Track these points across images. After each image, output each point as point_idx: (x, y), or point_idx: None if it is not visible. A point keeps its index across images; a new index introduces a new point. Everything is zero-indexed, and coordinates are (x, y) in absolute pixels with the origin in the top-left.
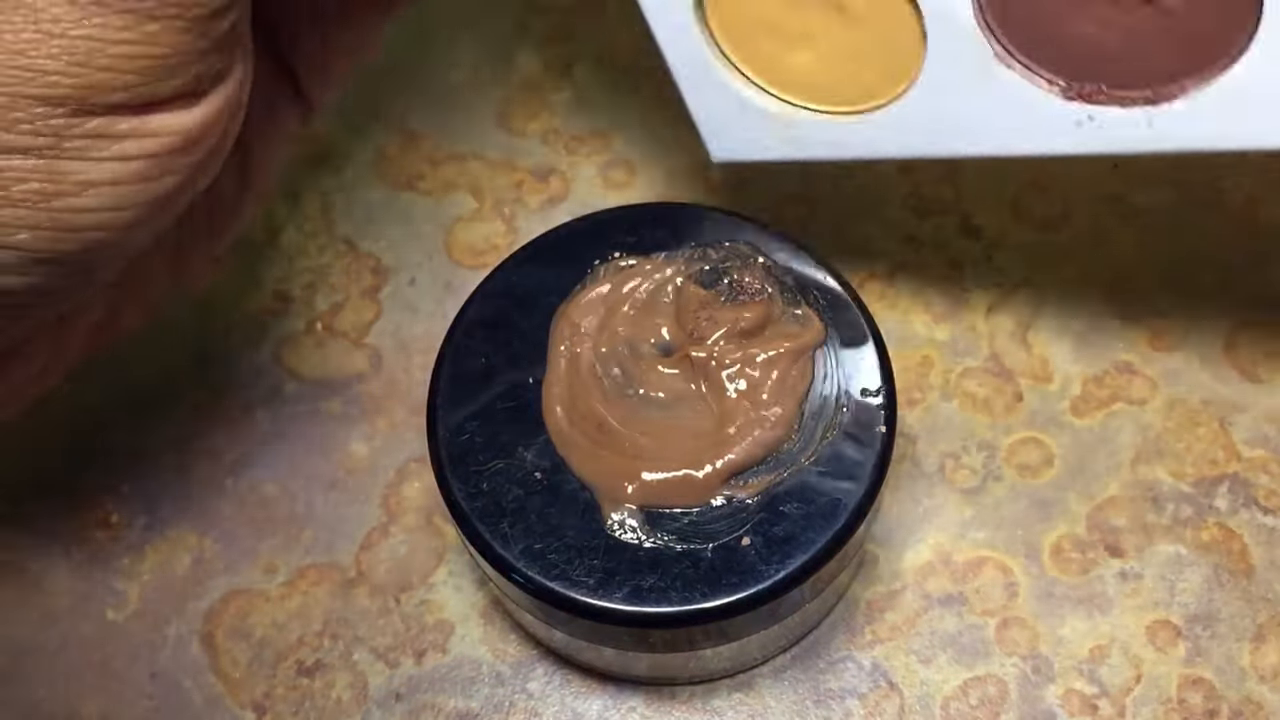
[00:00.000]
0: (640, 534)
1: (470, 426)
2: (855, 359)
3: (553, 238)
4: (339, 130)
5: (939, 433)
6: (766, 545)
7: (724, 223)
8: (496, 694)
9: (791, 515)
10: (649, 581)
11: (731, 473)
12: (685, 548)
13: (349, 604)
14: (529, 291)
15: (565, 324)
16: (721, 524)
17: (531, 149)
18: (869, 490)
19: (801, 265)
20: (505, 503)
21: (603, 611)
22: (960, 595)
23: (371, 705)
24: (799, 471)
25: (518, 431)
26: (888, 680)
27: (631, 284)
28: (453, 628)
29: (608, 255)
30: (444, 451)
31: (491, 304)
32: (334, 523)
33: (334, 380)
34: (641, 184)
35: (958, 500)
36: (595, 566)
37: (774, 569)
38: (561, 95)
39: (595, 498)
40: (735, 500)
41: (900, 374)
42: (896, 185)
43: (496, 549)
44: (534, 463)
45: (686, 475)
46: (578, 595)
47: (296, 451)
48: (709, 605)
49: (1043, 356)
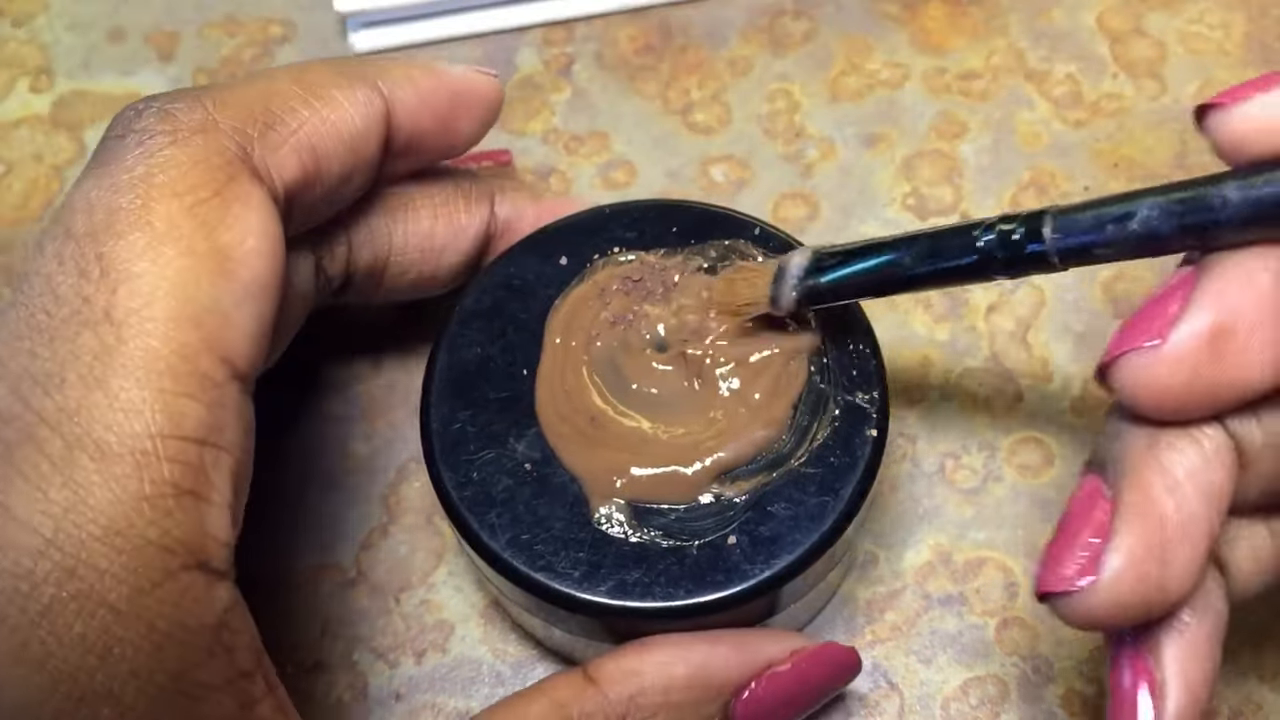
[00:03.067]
0: (627, 528)
1: (463, 416)
2: (849, 361)
3: (552, 231)
4: None
5: (939, 433)
6: (752, 545)
7: (723, 221)
8: (496, 694)
9: (779, 515)
10: (634, 576)
11: (721, 470)
12: (671, 544)
13: (349, 604)
14: (526, 283)
15: (561, 317)
16: (709, 521)
17: (532, 149)
18: (857, 493)
19: None
20: (495, 493)
21: (586, 604)
22: (960, 595)
23: (372, 705)
24: (789, 472)
25: (510, 422)
26: (888, 680)
27: (629, 279)
28: (453, 628)
29: (606, 250)
30: (436, 441)
31: (489, 295)
32: (334, 523)
33: (334, 380)
34: (641, 184)
35: (958, 500)
36: (581, 559)
37: (759, 569)
38: (561, 95)
39: (584, 491)
40: (724, 498)
41: (900, 374)
42: (897, 185)
43: (483, 538)
44: (525, 454)
45: (676, 471)
46: (562, 587)
47: (296, 452)
48: (692, 602)
49: (1043, 356)
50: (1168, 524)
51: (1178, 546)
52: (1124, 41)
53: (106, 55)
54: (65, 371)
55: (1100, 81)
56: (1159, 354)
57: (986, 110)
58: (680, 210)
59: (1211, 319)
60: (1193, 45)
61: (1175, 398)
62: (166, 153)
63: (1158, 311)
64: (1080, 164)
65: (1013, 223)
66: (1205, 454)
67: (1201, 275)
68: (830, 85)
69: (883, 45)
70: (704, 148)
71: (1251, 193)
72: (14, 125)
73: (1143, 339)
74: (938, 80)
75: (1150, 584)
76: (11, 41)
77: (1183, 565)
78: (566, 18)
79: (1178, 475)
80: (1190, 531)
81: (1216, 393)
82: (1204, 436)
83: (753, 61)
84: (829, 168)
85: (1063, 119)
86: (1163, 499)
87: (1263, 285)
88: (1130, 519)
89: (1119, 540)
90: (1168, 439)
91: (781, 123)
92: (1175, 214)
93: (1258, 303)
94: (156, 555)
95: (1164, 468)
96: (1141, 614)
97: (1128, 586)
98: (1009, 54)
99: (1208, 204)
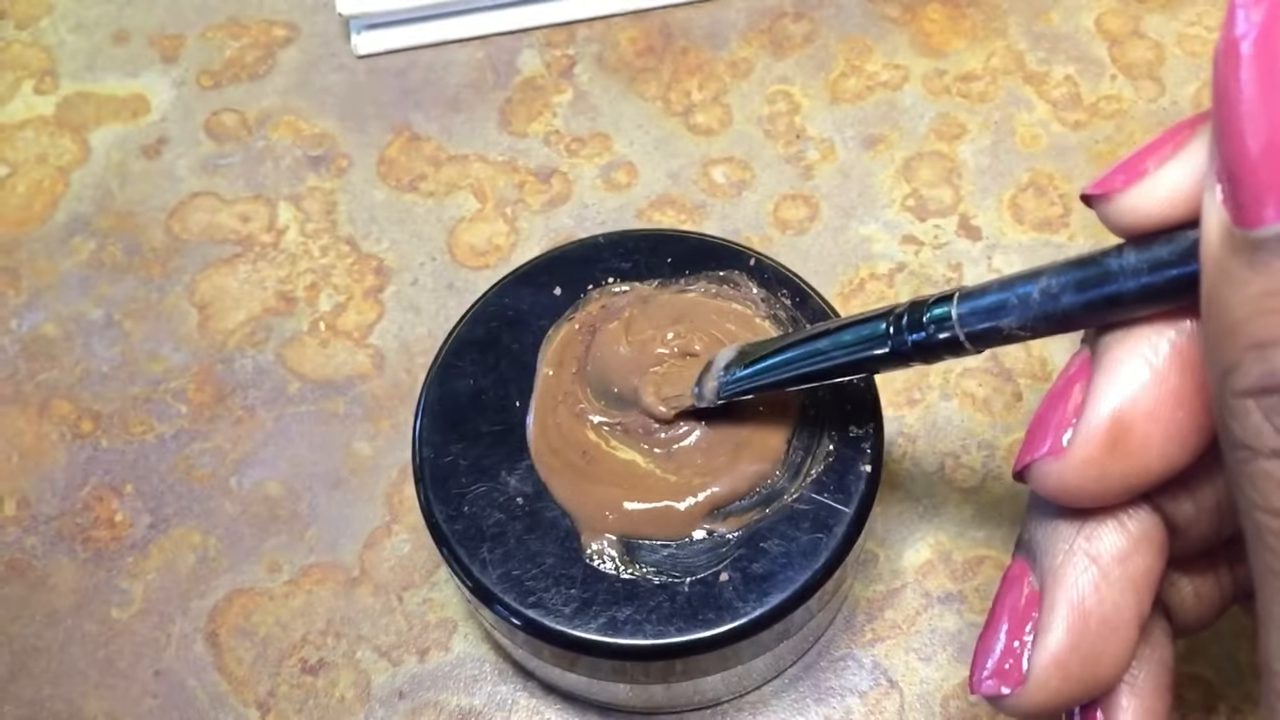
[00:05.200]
0: (619, 564)
1: (455, 449)
2: (844, 396)
3: (546, 261)
4: (341, 132)
5: (939, 432)
6: (745, 582)
7: (718, 252)
8: (499, 691)
9: (772, 552)
10: (625, 613)
11: (714, 506)
12: (663, 580)
13: (352, 602)
14: (520, 314)
15: (555, 348)
16: (701, 558)
17: (533, 150)
18: (851, 531)
19: (794, 297)
20: (486, 527)
21: (577, 641)
22: (960, 594)
23: (375, 703)
24: (782, 508)
25: (502, 455)
26: (888, 678)
27: (623, 311)
28: (455, 625)
29: (601, 280)
30: (427, 473)
31: (482, 326)
32: (337, 522)
33: (337, 380)
34: (642, 185)
35: (958, 499)
36: (572, 595)
37: (750, 607)
38: (563, 97)
39: (575, 526)
40: (716, 534)
41: (901, 374)
42: (896, 186)
43: (475, 573)
44: (516, 488)
45: (668, 507)
46: (552, 624)
47: (300, 451)
48: (683, 640)
49: (1042, 356)
50: (1093, 619)
51: (1107, 638)
52: (1122, 43)
53: (110, 57)
54: None
55: (1099, 83)
56: (1062, 461)
57: (986, 112)
58: (675, 240)
59: (1108, 418)
60: (1191, 47)
61: (1089, 495)
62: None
63: (1055, 414)
64: (1079, 165)
65: (920, 311)
66: (1130, 539)
67: (1096, 363)
68: (830, 87)
69: (882, 47)
70: (705, 149)
71: (1150, 259)
72: (19, 127)
73: (1043, 447)
74: (937, 82)
75: (1076, 681)
76: (16, 43)
77: (1113, 655)
78: (568, 20)
79: (1101, 568)
80: (1118, 621)
81: (1129, 484)
82: (1129, 519)
83: (753, 63)
84: (829, 169)
85: (1061, 120)
86: (1087, 594)
87: (1157, 367)
88: (1054, 619)
89: (1044, 641)
90: (1089, 529)
91: (782, 124)
92: (1074, 285)
93: (1154, 388)
94: None
95: (1086, 562)
96: (1075, 703)
97: (1055, 687)
98: (1008, 56)
99: (1108, 274)
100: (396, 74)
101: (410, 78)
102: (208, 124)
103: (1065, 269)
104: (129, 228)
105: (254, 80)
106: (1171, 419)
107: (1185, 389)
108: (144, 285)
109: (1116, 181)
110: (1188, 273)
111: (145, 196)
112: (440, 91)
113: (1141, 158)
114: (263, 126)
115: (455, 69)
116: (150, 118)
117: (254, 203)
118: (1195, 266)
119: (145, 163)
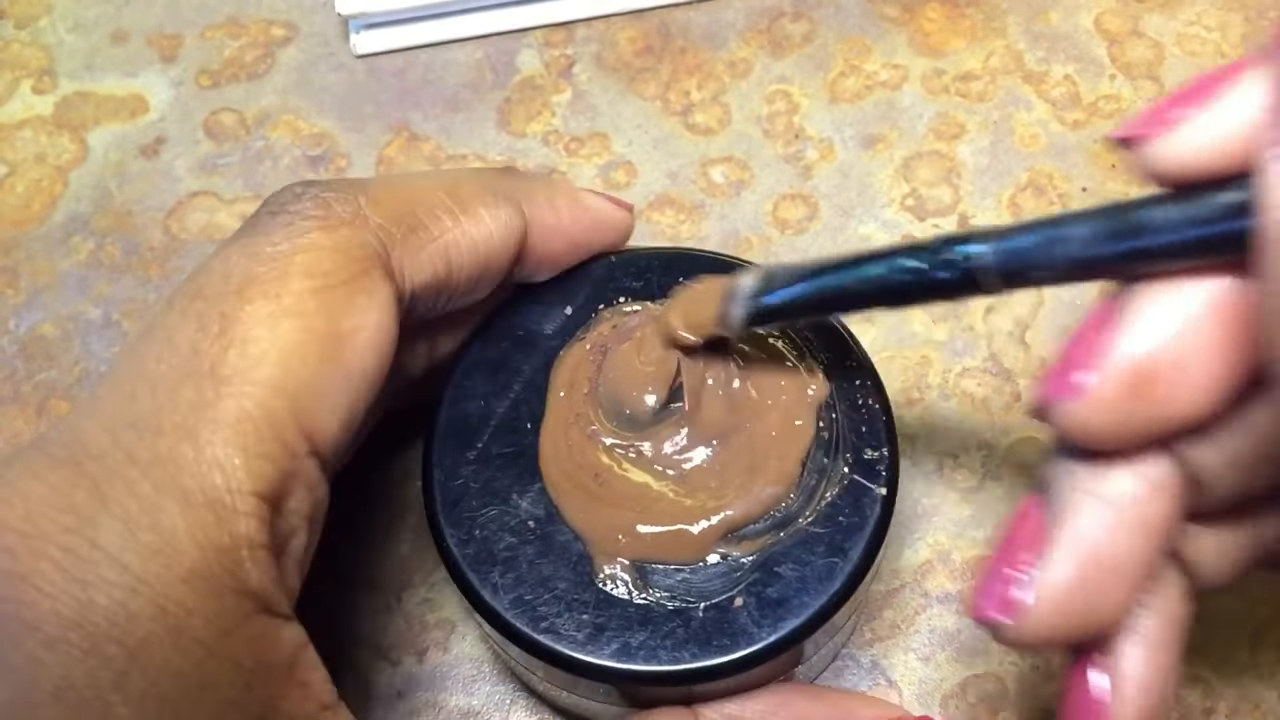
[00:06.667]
0: (631, 589)
1: (466, 472)
2: (858, 417)
3: (557, 281)
4: (340, 131)
5: (938, 433)
6: (759, 607)
7: (730, 270)
8: (498, 691)
9: (786, 577)
10: (638, 639)
11: (728, 529)
12: (677, 605)
13: (351, 603)
14: (530, 334)
15: (566, 369)
16: (715, 583)
17: (532, 150)
18: (867, 555)
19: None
20: (497, 551)
21: (590, 667)
22: (959, 594)
23: (374, 703)
24: (797, 531)
25: (513, 478)
26: (887, 678)
27: (634, 331)
28: (454, 626)
29: (612, 300)
30: (438, 496)
31: (493, 346)
32: (337, 522)
33: None
34: (641, 185)
35: (957, 499)
36: (585, 621)
37: (765, 632)
38: (562, 96)
39: (587, 549)
40: (730, 558)
41: (900, 374)
42: (895, 186)
43: (486, 598)
44: (528, 511)
45: (681, 530)
46: (565, 650)
47: None
48: (698, 666)
49: (1041, 356)
50: (1098, 559)
51: (1110, 580)
52: (1122, 43)
53: (109, 57)
54: (161, 419)
55: (1098, 83)
56: (1084, 399)
57: (985, 111)
58: (687, 259)
59: (1134, 363)
60: (1190, 47)
61: (1109, 438)
62: (312, 235)
63: (1081, 350)
64: (1078, 165)
65: (955, 243)
66: (1145, 485)
67: (1125, 308)
68: (829, 86)
69: (881, 47)
70: (704, 149)
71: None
72: (17, 126)
73: (1065, 386)
74: (936, 81)
75: (1075, 618)
76: (14, 43)
77: (1114, 597)
78: (567, 20)
79: (1113, 509)
80: (1123, 564)
81: (1150, 429)
82: (1146, 466)
83: (752, 63)
84: (828, 169)
85: (1061, 120)
86: (1095, 534)
87: (1190, 318)
88: (1059, 555)
89: (1047, 575)
90: (1106, 471)
91: (781, 124)
92: (1109, 236)
93: (1185, 339)
94: (234, 600)
95: (1098, 503)
96: (1071, 641)
97: (1053, 622)
98: (1007, 55)
99: (1145, 227)
100: (395, 74)
101: (409, 77)
102: (206, 124)
103: (1101, 216)
104: (127, 227)
105: (253, 80)
106: (1201, 370)
107: (1217, 342)
108: (143, 285)
109: (1154, 126)
110: (1236, 229)
111: (144, 196)
112: (439, 91)
113: (1181, 101)
114: (261, 126)
115: (454, 69)
116: (149, 117)
117: (253, 202)
118: (1245, 223)
119: (144, 162)
